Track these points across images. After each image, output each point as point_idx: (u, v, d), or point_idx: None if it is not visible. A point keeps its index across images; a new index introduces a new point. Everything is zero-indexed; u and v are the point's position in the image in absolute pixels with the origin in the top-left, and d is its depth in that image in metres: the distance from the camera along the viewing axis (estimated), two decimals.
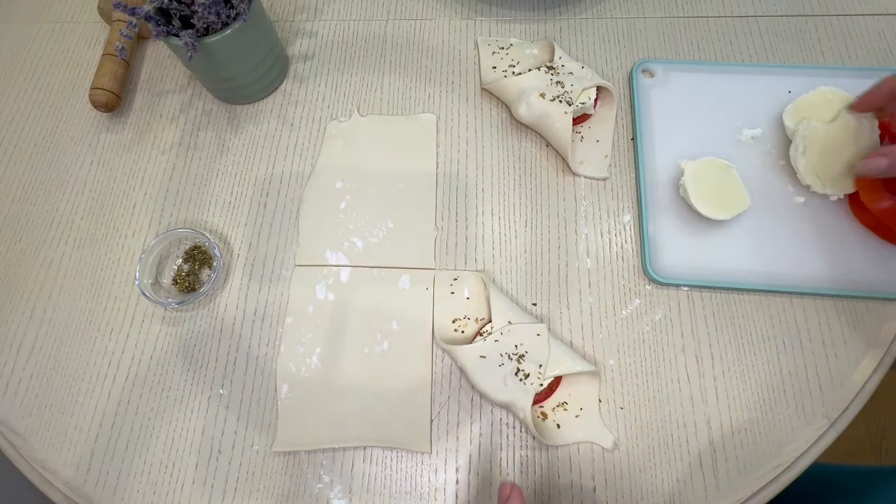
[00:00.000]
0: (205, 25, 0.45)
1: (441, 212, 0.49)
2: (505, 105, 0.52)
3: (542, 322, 0.43)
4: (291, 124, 0.53)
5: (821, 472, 0.55)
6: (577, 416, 0.41)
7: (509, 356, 0.41)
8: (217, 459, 0.42)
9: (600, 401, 0.42)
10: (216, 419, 0.43)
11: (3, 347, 0.46)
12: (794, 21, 0.55)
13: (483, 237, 0.48)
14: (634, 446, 0.40)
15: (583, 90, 0.48)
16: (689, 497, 0.39)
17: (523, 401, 0.39)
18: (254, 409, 0.43)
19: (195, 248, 0.48)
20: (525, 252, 0.47)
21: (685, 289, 0.45)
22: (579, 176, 0.49)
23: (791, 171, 0.47)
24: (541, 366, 0.40)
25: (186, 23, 0.46)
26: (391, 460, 0.41)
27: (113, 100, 0.52)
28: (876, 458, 1.06)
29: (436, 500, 0.40)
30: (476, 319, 0.44)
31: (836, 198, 0.45)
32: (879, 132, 0.44)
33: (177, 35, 0.44)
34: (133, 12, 0.44)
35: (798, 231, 0.45)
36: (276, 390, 0.43)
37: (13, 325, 0.47)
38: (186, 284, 0.46)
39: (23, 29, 0.61)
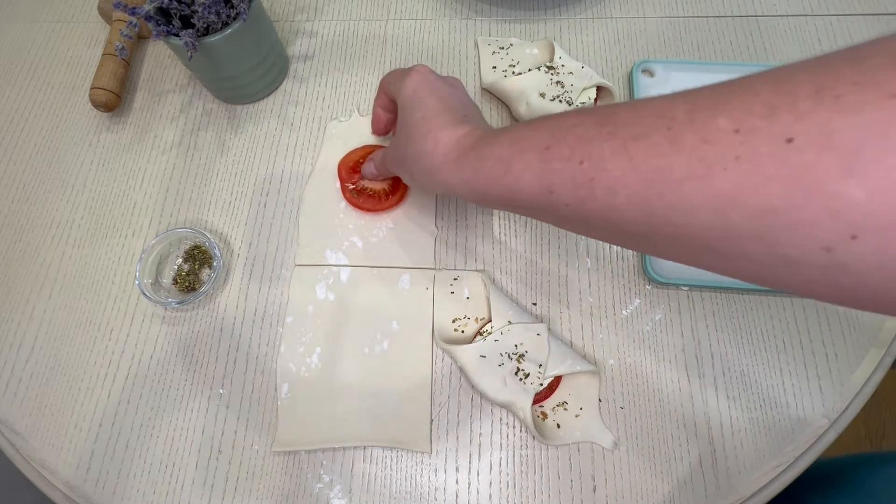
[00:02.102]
0: (205, 25, 0.45)
1: (441, 212, 0.49)
2: (505, 105, 0.52)
3: (542, 322, 0.43)
4: (291, 124, 0.53)
5: (818, 466, 0.54)
6: (577, 416, 0.41)
7: (509, 356, 0.41)
8: (217, 459, 0.42)
9: (600, 401, 0.42)
10: (216, 419, 0.43)
11: (3, 347, 0.46)
12: (794, 21, 0.55)
13: (483, 237, 0.48)
14: (634, 446, 0.40)
15: (583, 90, 0.48)
16: (689, 497, 0.39)
17: (523, 400, 0.39)
18: (254, 409, 0.43)
19: (195, 247, 0.48)
20: (525, 252, 0.47)
21: (685, 289, 0.45)
22: None
23: None
24: (541, 365, 0.40)
25: (186, 22, 0.46)
26: (391, 460, 0.41)
27: (113, 99, 0.52)
28: None
29: (436, 500, 0.40)
30: (476, 319, 0.44)
31: None
32: None
33: (177, 35, 0.44)
34: (133, 12, 0.44)
35: None
36: (276, 390, 0.43)
37: (13, 325, 0.47)
38: (186, 284, 0.46)
39: (23, 29, 0.61)
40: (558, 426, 0.41)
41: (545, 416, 0.41)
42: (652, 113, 0.24)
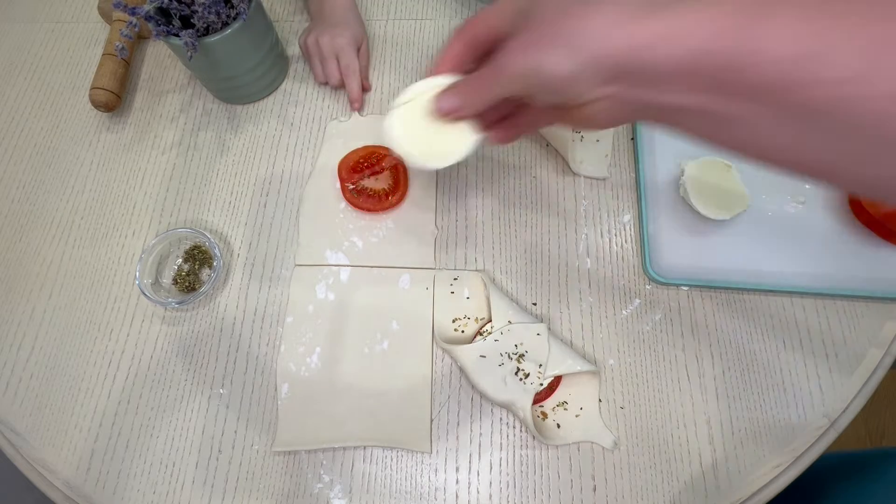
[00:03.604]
0: (205, 25, 0.45)
1: (441, 212, 0.49)
2: None
3: (542, 322, 0.43)
4: (291, 124, 0.53)
5: (821, 461, 0.54)
6: (577, 416, 0.41)
7: (509, 356, 0.41)
8: (217, 459, 0.42)
9: (600, 400, 0.42)
10: (216, 419, 0.43)
11: (3, 347, 0.46)
12: None
13: (483, 237, 0.48)
14: (634, 446, 0.40)
15: None
16: (689, 497, 0.39)
17: (523, 400, 0.39)
18: (254, 409, 0.43)
19: (195, 247, 0.48)
20: (525, 252, 0.47)
21: (685, 289, 0.45)
22: (579, 176, 0.49)
23: None
24: (541, 365, 0.40)
25: (186, 23, 0.46)
26: (391, 460, 0.41)
27: (113, 99, 0.52)
28: None
29: (436, 500, 0.40)
30: (476, 319, 0.44)
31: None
32: None
33: (177, 35, 0.44)
34: (133, 12, 0.44)
35: (798, 231, 0.45)
36: (276, 390, 0.43)
37: (13, 325, 0.47)
38: (186, 284, 0.46)
39: (23, 29, 0.61)
40: (558, 426, 0.41)
41: (545, 416, 0.41)
42: None
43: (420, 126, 0.33)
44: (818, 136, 0.22)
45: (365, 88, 0.54)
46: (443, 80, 0.32)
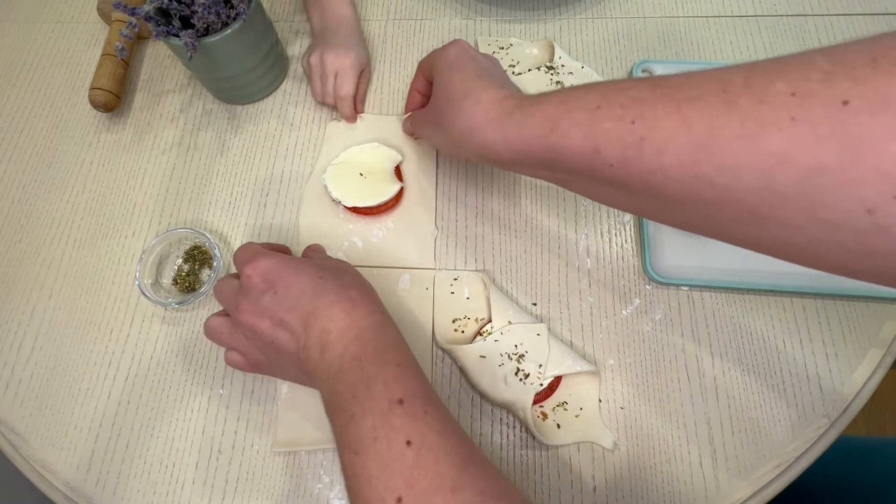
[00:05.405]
0: (205, 25, 0.45)
1: (441, 212, 0.49)
2: None
3: (542, 322, 0.43)
4: (291, 124, 0.53)
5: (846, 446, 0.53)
6: (577, 416, 0.41)
7: (509, 356, 0.41)
8: (217, 459, 0.42)
9: (600, 401, 0.42)
10: (216, 419, 0.43)
11: (3, 347, 0.46)
12: (794, 21, 0.55)
13: (483, 237, 0.48)
14: (634, 446, 0.40)
15: None
16: (689, 497, 0.39)
17: (523, 400, 0.39)
18: (254, 409, 0.43)
19: (195, 248, 0.48)
20: (525, 252, 0.47)
21: (685, 289, 0.45)
22: None
23: None
24: (541, 365, 0.40)
25: (186, 23, 0.46)
26: None
27: (112, 100, 0.52)
28: None
29: None
30: (476, 319, 0.44)
31: None
32: None
33: (177, 35, 0.44)
34: (133, 12, 0.44)
35: None
36: (276, 390, 0.43)
37: (13, 325, 0.47)
38: (186, 284, 0.46)
39: (23, 29, 0.61)
40: (558, 426, 0.41)
41: (545, 416, 0.41)
42: (708, 78, 0.25)
43: (351, 177, 0.47)
44: (623, 195, 0.29)
45: (357, 111, 0.52)
46: (369, 146, 0.49)
